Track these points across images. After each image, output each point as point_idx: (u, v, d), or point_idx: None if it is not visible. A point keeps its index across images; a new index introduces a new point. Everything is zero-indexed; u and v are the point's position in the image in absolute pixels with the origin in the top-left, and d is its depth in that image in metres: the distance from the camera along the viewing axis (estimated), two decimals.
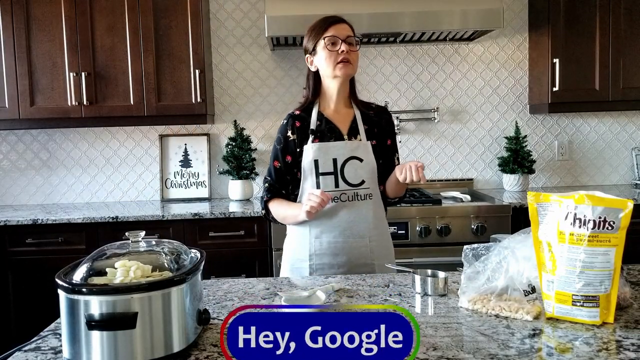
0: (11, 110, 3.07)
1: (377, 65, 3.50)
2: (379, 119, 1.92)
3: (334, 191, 1.81)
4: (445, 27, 2.96)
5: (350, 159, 1.82)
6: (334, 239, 1.82)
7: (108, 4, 3.05)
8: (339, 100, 1.88)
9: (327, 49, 1.79)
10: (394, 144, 1.96)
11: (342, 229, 1.82)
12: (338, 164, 1.81)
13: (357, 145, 1.84)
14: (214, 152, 3.51)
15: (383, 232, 1.89)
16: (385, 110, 1.98)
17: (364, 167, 1.83)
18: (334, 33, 1.80)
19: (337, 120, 1.88)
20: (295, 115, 1.89)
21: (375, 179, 1.85)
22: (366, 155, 1.84)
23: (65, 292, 1.05)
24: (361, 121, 1.88)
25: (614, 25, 3.14)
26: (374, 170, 1.85)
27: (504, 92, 3.53)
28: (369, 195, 1.83)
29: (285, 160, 1.88)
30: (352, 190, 1.81)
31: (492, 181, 3.57)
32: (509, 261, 1.30)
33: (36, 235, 2.89)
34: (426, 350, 1.09)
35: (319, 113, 1.88)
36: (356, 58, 1.83)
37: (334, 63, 1.79)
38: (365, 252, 1.83)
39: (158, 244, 1.24)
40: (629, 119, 3.56)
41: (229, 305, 1.40)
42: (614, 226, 1.18)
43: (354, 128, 1.87)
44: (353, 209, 1.82)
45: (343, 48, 1.78)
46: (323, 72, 1.85)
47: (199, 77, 3.08)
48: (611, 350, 1.07)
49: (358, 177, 1.82)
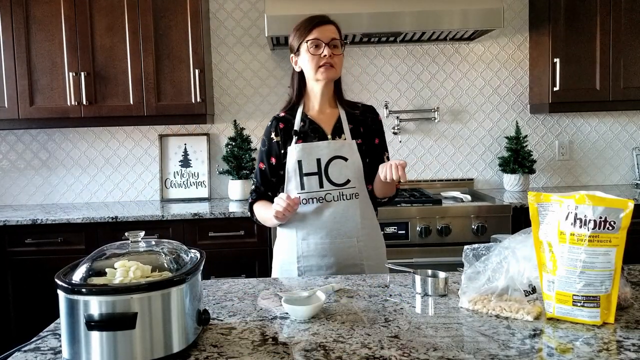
0: (10, 110, 3.06)
1: (377, 65, 3.49)
2: (365, 118, 1.91)
3: (318, 191, 1.80)
4: (445, 27, 2.96)
5: (335, 158, 1.81)
6: (320, 240, 1.81)
7: (107, 4, 3.05)
8: (323, 101, 1.87)
9: (309, 52, 1.78)
10: (383, 143, 1.94)
11: (329, 229, 1.80)
12: (322, 163, 1.80)
13: (341, 144, 1.83)
14: (214, 152, 3.51)
15: (372, 232, 1.87)
16: (371, 109, 1.96)
17: (348, 167, 1.81)
18: (317, 36, 1.78)
19: (321, 120, 1.87)
20: (279, 117, 1.89)
21: (361, 178, 1.84)
22: (351, 154, 1.82)
23: (65, 293, 1.05)
24: (346, 120, 1.87)
25: (614, 24, 3.14)
26: (360, 170, 1.83)
27: (504, 91, 3.53)
28: (355, 194, 1.82)
29: (270, 163, 1.88)
30: (337, 190, 1.80)
31: (492, 181, 3.57)
32: (509, 261, 1.30)
33: (36, 236, 2.89)
34: (426, 350, 1.09)
35: (303, 114, 1.88)
36: (339, 61, 1.82)
37: (317, 66, 1.78)
38: (353, 252, 1.82)
39: (158, 244, 1.24)
40: (629, 118, 3.56)
41: (229, 306, 1.40)
42: (614, 226, 1.18)
43: (338, 128, 1.86)
44: (339, 209, 1.80)
45: (326, 52, 1.77)
46: (306, 74, 1.84)
47: (199, 77, 3.08)
48: (612, 350, 1.07)
49: (343, 177, 1.81)
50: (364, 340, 1.15)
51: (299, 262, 1.82)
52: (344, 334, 1.18)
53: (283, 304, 1.30)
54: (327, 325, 1.24)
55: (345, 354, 1.08)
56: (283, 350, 1.11)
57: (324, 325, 1.24)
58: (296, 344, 1.14)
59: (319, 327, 1.23)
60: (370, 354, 1.07)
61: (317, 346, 1.12)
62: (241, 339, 1.17)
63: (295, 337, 1.17)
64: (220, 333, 1.21)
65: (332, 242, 1.80)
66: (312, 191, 1.80)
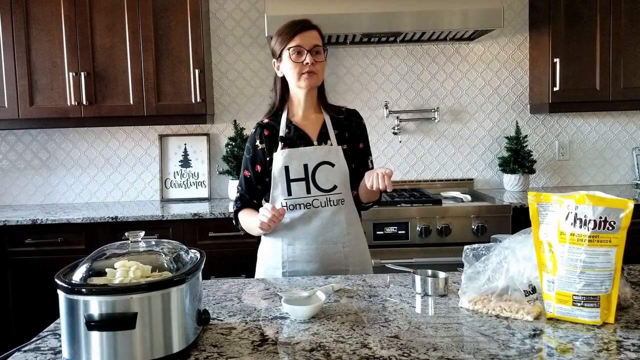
0: (10, 110, 3.06)
1: (377, 65, 3.49)
2: (349, 123, 1.90)
3: (305, 197, 1.79)
4: (445, 27, 2.96)
5: (322, 164, 1.80)
6: (306, 245, 1.80)
7: (107, 4, 3.05)
8: (307, 107, 1.86)
9: (291, 59, 1.76)
10: (367, 148, 1.93)
11: (315, 235, 1.80)
12: (309, 169, 1.79)
13: (327, 150, 1.82)
14: (214, 152, 3.51)
15: (357, 237, 1.86)
16: (355, 114, 1.95)
17: (335, 172, 1.80)
18: (299, 43, 1.76)
19: (306, 126, 1.86)
20: (263, 124, 1.87)
21: (347, 184, 1.83)
22: (337, 160, 1.82)
23: (65, 293, 1.05)
24: (331, 126, 1.86)
25: (614, 24, 3.14)
26: (346, 175, 1.83)
27: (504, 92, 3.53)
28: (341, 200, 1.81)
29: (255, 170, 1.86)
30: (324, 196, 1.80)
31: (492, 181, 3.57)
32: (509, 261, 1.30)
33: (35, 236, 2.89)
34: (426, 350, 1.09)
35: (288, 120, 1.86)
36: (322, 68, 1.81)
37: (299, 74, 1.77)
38: (339, 258, 1.81)
39: (158, 244, 1.24)
40: (629, 118, 3.56)
41: (228, 306, 1.40)
42: (614, 226, 1.18)
43: (323, 133, 1.85)
44: (325, 215, 1.80)
45: (308, 60, 1.75)
46: (289, 80, 1.83)
47: (199, 77, 3.08)
48: (612, 350, 1.07)
49: (330, 183, 1.80)
50: (364, 340, 1.15)
51: (284, 267, 1.81)
52: (344, 334, 1.18)
53: (283, 304, 1.30)
54: (327, 325, 1.24)
55: (345, 354, 1.08)
56: (283, 350, 1.11)
57: (324, 325, 1.24)
58: (296, 344, 1.14)
59: (319, 327, 1.23)
60: (370, 354, 1.07)
61: (317, 346, 1.12)
62: (241, 339, 1.17)
63: (295, 337, 1.17)
64: (220, 333, 1.21)
65: (318, 247, 1.80)
66: (299, 197, 1.79)
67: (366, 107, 3.49)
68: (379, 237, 2.83)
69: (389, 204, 2.92)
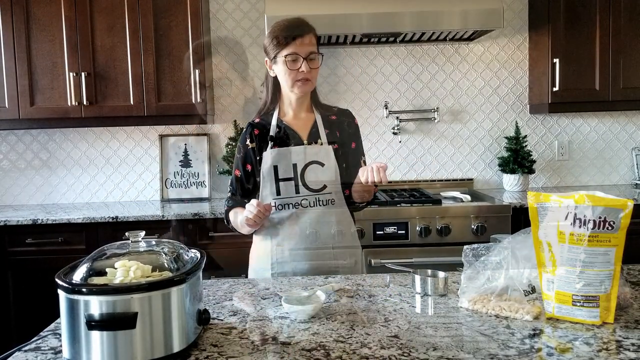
0: (11, 110, 3.07)
1: (377, 65, 3.50)
2: (341, 122, 1.89)
3: (294, 197, 1.78)
4: (445, 27, 2.96)
5: (311, 163, 1.79)
6: (295, 246, 1.79)
7: (108, 4, 3.05)
8: (298, 107, 1.85)
9: (286, 65, 1.75)
10: (359, 147, 1.92)
11: (304, 236, 1.78)
12: (298, 169, 1.78)
13: (317, 149, 1.81)
14: (214, 152, 3.51)
15: (347, 238, 1.84)
16: (347, 113, 1.94)
17: (325, 172, 1.79)
18: (295, 50, 1.74)
19: (297, 126, 1.85)
20: (254, 124, 1.87)
21: (338, 184, 1.81)
22: (327, 159, 1.80)
23: (65, 292, 1.05)
24: (322, 125, 1.85)
25: (614, 25, 3.14)
26: (337, 175, 1.81)
27: (504, 92, 3.53)
28: (331, 200, 1.80)
29: (245, 169, 1.86)
30: (314, 196, 1.78)
31: (492, 181, 3.57)
32: (509, 261, 1.30)
33: (36, 235, 2.89)
34: (426, 350, 1.09)
35: (278, 119, 1.85)
36: (316, 74, 1.80)
37: (293, 81, 1.76)
38: (328, 258, 1.80)
39: (158, 244, 1.24)
40: (629, 118, 3.56)
41: (228, 305, 1.40)
42: (614, 226, 1.18)
43: (314, 132, 1.84)
44: (314, 215, 1.78)
45: (304, 68, 1.74)
46: (281, 83, 1.82)
47: (199, 77, 3.08)
48: (611, 350, 1.07)
49: (319, 182, 1.79)
50: (364, 340, 1.15)
51: (272, 268, 1.80)
52: (344, 334, 1.18)
53: (283, 303, 1.31)
54: (327, 325, 1.24)
55: (345, 353, 1.08)
56: (283, 350, 1.11)
57: (324, 325, 1.24)
58: (296, 343, 1.14)
59: (319, 327, 1.23)
60: (370, 354, 1.08)
61: (317, 346, 1.12)
62: (241, 339, 1.17)
63: (295, 337, 1.17)
64: (221, 333, 1.21)
65: (307, 248, 1.78)
66: (288, 197, 1.78)
67: (366, 107, 3.49)
68: (379, 237, 2.84)
69: (389, 203, 2.93)
